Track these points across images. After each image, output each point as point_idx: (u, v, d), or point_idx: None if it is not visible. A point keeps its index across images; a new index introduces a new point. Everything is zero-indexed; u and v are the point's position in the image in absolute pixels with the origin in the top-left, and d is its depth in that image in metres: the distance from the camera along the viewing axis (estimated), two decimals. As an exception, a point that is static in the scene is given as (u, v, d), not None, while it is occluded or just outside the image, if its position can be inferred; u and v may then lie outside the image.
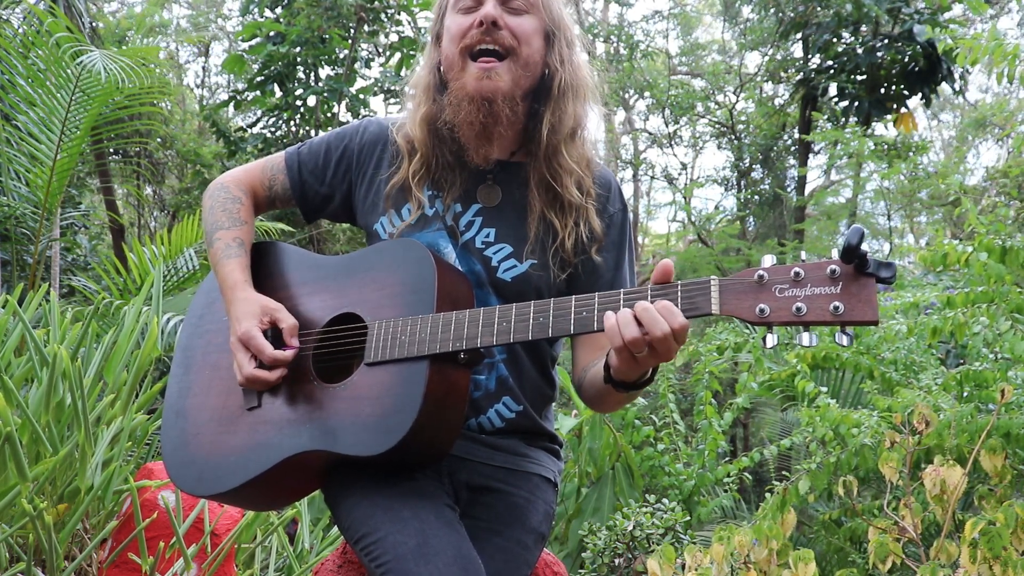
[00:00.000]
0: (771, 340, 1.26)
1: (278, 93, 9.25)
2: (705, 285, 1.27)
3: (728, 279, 1.27)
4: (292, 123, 9.62)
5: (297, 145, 1.84)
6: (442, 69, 1.68)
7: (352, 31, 9.21)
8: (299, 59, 9.10)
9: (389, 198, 1.71)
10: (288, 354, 1.56)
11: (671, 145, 16.09)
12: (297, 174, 1.79)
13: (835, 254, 1.21)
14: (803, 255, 1.27)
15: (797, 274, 1.22)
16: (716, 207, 14.59)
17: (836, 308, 1.18)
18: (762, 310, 1.22)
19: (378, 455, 1.43)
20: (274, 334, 1.58)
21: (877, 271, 1.18)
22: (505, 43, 1.59)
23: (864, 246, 1.17)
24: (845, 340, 1.20)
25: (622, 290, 1.34)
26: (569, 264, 1.67)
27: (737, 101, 14.90)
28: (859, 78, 10.58)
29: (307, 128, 9.57)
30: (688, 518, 4.23)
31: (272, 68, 9.07)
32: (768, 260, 1.26)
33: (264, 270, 1.74)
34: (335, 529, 3.16)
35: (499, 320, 1.43)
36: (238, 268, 1.67)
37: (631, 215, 1.88)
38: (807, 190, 13.90)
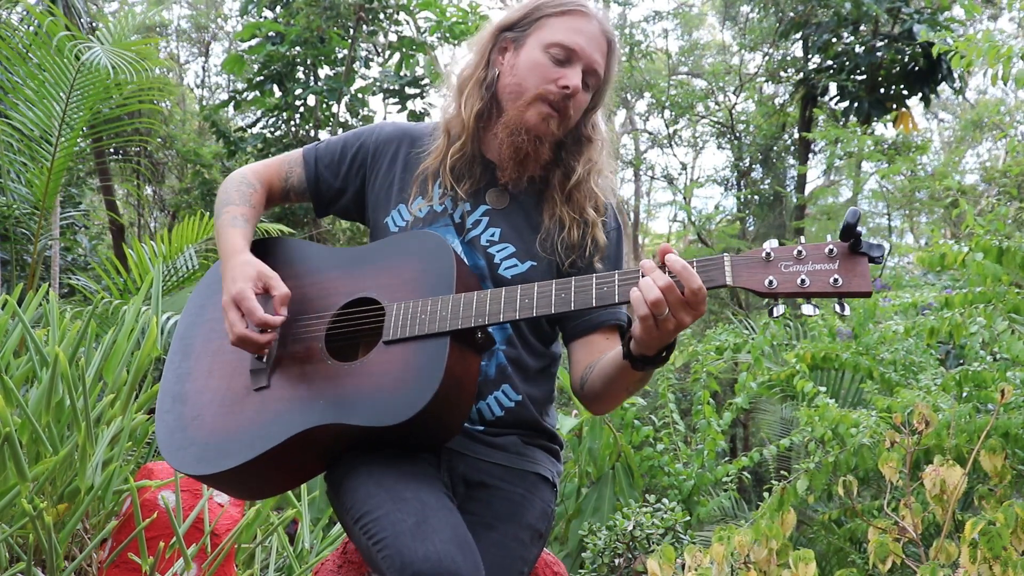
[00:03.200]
0: (778, 310, 1.41)
1: (277, 93, 9.24)
2: (719, 260, 1.41)
3: (739, 256, 1.42)
4: (291, 123, 9.62)
5: (315, 143, 1.92)
6: (501, 79, 1.74)
7: (351, 31, 9.21)
8: (298, 59, 9.10)
9: (417, 182, 1.78)
10: (277, 319, 1.57)
11: (671, 145, 16.11)
12: (313, 168, 1.86)
13: (829, 238, 1.39)
14: (802, 239, 1.42)
15: (799, 252, 1.38)
16: (716, 207, 14.56)
17: (835, 280, 1.34)
18: (770, 281, 1.37)
19: (393, 427, 1.45)
20: (266, 303, 1.59)
21: (869, 251, 1.35)
22: (570, 112, 1.72)
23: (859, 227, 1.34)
24: (839, 308, 1.38)
25: (641, 265, 1.44)
26: (574, 251, 1.75)
27: (737, 101, 14.89)
28: (859, 78, 10.56)
29: (306, 128, 9.57)
30: (688, 518, 4.23)
31: (271, 68, 9.07)
32: (772, 243, 1.41)
33: (277, 261, 1.75)
34: (335, 529, 3.16)
35: (521, 296, 1.49)
36: (240, 236, 1.72)
37: (631, 218, 2.00)
38: (807, 190, 13.89)
